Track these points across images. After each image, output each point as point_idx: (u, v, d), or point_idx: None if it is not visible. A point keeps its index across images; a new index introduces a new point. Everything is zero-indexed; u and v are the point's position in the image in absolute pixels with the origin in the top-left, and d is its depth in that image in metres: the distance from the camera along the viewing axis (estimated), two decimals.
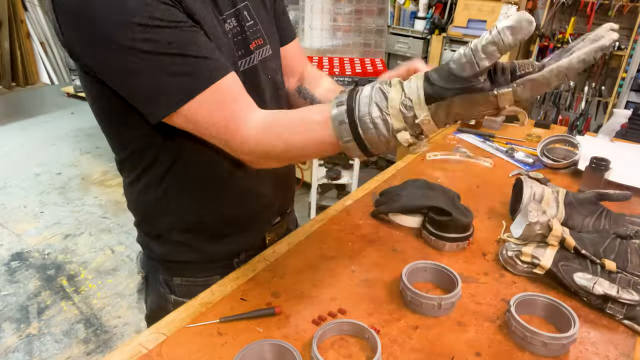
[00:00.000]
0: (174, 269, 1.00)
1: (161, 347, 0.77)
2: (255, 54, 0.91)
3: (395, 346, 0.79)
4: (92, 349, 2.17)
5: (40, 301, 2.43)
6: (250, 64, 0.90)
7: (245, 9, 0.90)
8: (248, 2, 0.90)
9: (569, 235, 0.94)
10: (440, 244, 1.03)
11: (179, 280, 1.00)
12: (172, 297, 1.01)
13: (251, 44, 0.90)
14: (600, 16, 3.19)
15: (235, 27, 0.87)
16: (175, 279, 1.00)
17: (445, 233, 1.02)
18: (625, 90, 3.04)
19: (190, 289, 0.99)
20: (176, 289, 1.01)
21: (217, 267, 1.00)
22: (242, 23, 0.88)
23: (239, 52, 0.87)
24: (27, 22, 5.20)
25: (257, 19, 0.92)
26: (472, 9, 3.26)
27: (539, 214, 0.95)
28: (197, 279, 0.99)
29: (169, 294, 1.01)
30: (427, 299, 0.84)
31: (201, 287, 0.92)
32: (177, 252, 0.98)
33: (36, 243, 2.87)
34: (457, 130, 1.69)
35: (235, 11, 0.87)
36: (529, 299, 0.86)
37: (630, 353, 0.80)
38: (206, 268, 1.00)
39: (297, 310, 0.85)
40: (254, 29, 0.91)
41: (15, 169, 3.68)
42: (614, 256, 0.93)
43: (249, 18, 0.90)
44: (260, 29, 0.92)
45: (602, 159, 1.27)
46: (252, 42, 0.90)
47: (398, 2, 3.61)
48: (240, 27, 0.88)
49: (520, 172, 1.40)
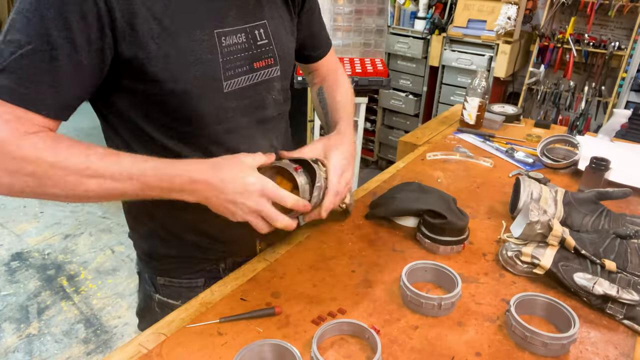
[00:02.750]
0: (157, 268, 1.01)
1: (161, 347, 0.77)
2: (260, 73, 0.90)
3: (395, 346, 0.79)
4: (92, 349, 2.17)
5: (40, 301, 2.43)
6: (251, 81, 0.89)
7: (262, 27, 0.90)
8: (267, 21, 0.90)
9: (569, 236, 0.94)
10: (435, 247, 1.03)
11: (162, 280, 1.01)
12: (157, 297, 1.02)
13: (258, 62, 0.89)
14: (600, 16, 3.19)
15: (243, 43, 0.86)
16: (159, 279, 1.01)
17: (440, 236, 1.02)
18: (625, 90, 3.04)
19: (174, 290, 1.00)
20: (160, 288, 1.02)
21: (201, 270, 1.00)
22: (252, 40, 0.88)
23: (243, 67, 0.87)
24: None
25: (273, 40, 0.92)
26: (472, 9, 3.26)
27: (540, 213, 0.95)
28: (182, 281, 0.99)
29: (154, 293, 1.03)
30: (427, 299, 0.84)
31: (185, 289, 0.92)
32: (160, 247, 0.98)
33: (36, 243, 2.87)
34: (457, 130, 1.69)
35: (247, 28, 0.87)
36: (529, 299, 0.86)
37: (630, 353, 0.80)
38: (190, 270, 1.00)
39: (297, 310, 0.85)
40: (266, 49, 0.91)
41: None
42: (614, 256, 0.93)
43: (263, 37, 0.90)
44: (272, 49, 0.92)
45: (602, 159, 1.27)
46: (261, 60, 0.90)
47: (398, 2, 3.61)
48: (248, 44, 0.87)
49: (520, 172, 1.40)
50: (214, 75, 0.82)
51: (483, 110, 1.69)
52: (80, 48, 0.69)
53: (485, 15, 3.23)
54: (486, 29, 3.23)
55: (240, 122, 0.89)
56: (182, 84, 0.78)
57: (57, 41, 0.66)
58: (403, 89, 3.82)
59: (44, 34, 0.66)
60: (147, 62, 0.74)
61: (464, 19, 3.29)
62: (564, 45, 3.22)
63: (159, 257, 1.00)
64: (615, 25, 3.23)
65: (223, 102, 0.85)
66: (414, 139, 1.63)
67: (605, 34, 3.24)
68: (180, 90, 0.79)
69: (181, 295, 1.01)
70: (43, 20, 0.65)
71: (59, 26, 0.66)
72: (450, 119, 1.81)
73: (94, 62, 0.71)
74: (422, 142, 1.60)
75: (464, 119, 1.70)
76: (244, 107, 0.89)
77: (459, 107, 1.82)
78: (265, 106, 0.94)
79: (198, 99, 0.81)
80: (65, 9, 0.66)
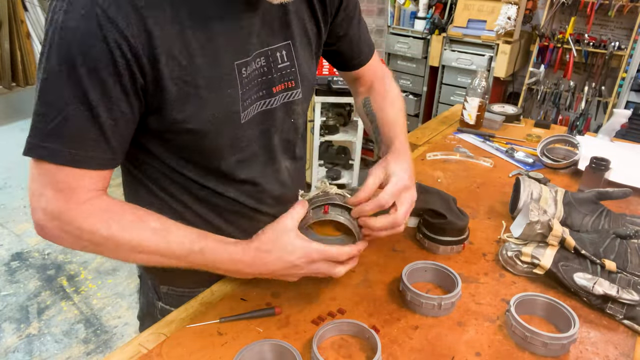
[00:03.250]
0: (160, 276, 0.99)
1: (161, 347, 0.77)
2: (279, 97, 0.87)
3: (395, 346, 0.79)
4: (92, 349, 2.17)
5: (40, 301, 2.43)
6: (270, 106, 0.86)
7: (285, 48, 0.85)
8: (291, 41, 0.86)
9: (569, 236, 0.94)
10: (434, 247, 1.02)
11: (165, 289, 0.99)
12: (160, 304, 1.00)
13: (277, 86, 0.86)
14: (600, 16, 3.19)
15: (263, 67, 0.83)
16: (162, 287, 0.99)
17: (440, 236, 1.02)
18: (625, 90, 3.04)
19: (176, 298, 0.97)
20: (163, 296, 1.00)
21: (203, 280, 0.97)
22: (273, 64, 0.84)
23: (260, 92, 0.84)
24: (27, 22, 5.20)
25: (296, 61, 0.87)
26: (472, 9, 3.26)
27: (540, 213, 0.95)
28: (184, 290, 0.97)
29: (157, 300, 1.00)
30: (427, 299, 0.84)
31: (187, 298, 0.90)
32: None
33: (36, 243, 2.87)
34: (457, 130, 1.69)
35: (268, 51, 0.83)
36: (529, 299, 0.86)
37: (630, 353, 0.80)
38: (193, 280, 0.95)
39: (297, 310, 0.85)
40: (287, 71, 0.86)
41: (15, 169, 3.68)
42: (614, 256, 0.93)
43: (286, 59, 0.86)
44: (295, 72, 0.87)
45: (602, 159, 1.27)
46: (281, 84, 0.86)
47: (398, 2, 3.61)
48: (268, 67, 0.83)
49: (520, 172, 1.40)
50: (232, 109, 0.79)
51: (483, 110, 1.69)
52: (117, 99, 0.69)
53: (485, 15, 3.23)
54: (486, 29, 3.23)
55: (255, 149, 0.87)
56: (202, 123, 0.76)
57: (94, 99, 0.67)
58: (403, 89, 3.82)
59: (80, 95, 0.66)
60: (167, 105, 0.73)
61: (464, 19, 3.29)
62: (564, 45, 3.22)
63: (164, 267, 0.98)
64: (615, 25, 3.23)
65: (239, 132, 0.82)
66: (414, 139, 1.63)
67: (605, 34, 3.25)
68: (199, 130, 0.77)
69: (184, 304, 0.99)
70: (76, 81, 0.65)
71: (93, 84, 0.66)
72: (450, 119, 1.81)
73: (135, 105, 0.71)
74: (422, 142, 1.60)
75: (464, 119, 1.70)
76: (260, 133, 0.86)
77: (459, 107, 1.82)
78: (283, 130, 0.90)
79: (216, 135, 0.79)
80: (96, 66, 0.65)
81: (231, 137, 0.82)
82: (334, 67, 1.09)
